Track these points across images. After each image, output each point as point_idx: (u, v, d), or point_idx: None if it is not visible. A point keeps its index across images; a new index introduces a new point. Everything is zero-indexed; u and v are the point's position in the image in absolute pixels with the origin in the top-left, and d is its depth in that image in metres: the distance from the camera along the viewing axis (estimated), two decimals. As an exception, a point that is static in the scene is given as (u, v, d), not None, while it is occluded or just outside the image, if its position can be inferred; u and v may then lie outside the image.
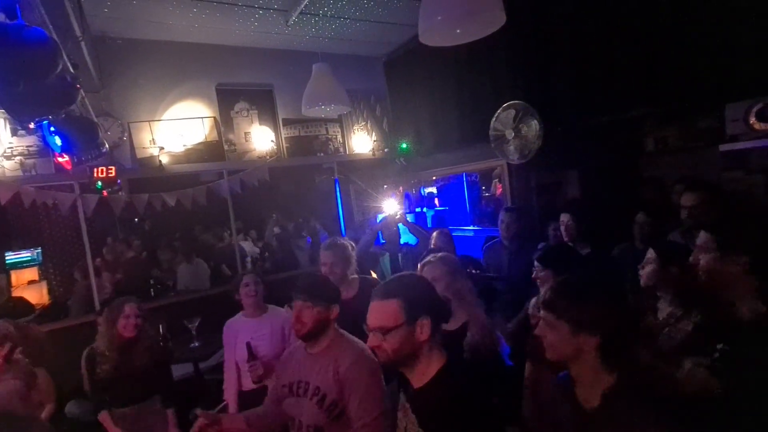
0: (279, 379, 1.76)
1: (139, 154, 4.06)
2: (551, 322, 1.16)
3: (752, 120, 2.62)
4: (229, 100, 4.52)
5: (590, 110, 3.25)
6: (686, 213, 2.37)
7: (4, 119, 3.49)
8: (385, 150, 5.15)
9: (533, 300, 2.06)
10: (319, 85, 3.25)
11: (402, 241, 3.99)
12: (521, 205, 3.81)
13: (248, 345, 2.31)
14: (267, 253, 5.70)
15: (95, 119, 3.44)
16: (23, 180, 3.54)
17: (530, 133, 3.50)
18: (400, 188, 5.12)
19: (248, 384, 2.45)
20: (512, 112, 3.62)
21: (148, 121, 4.11)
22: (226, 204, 4.48)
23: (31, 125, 2.56)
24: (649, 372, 1.33)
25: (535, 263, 1.97)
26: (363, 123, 5.14)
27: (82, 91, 2.78)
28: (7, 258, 5.07)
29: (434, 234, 3.33)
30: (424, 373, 1.21)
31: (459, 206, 5.23)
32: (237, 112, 4.53)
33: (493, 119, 3.76)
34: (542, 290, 1.68)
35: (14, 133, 3.55)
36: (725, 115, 2.79)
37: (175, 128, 4.19)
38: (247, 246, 5.75)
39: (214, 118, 4.40)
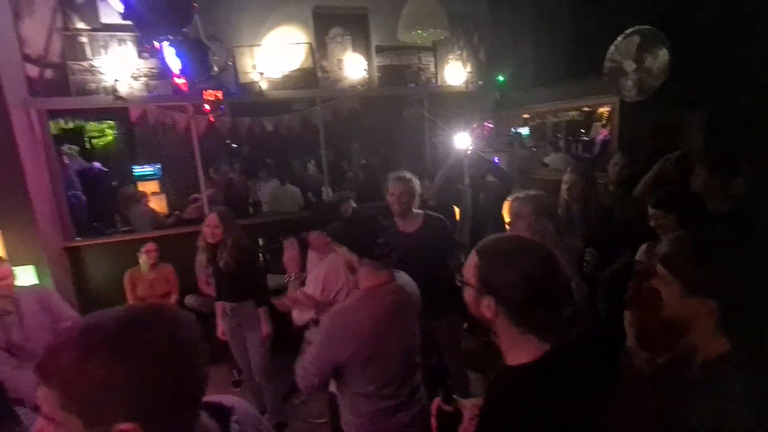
0: None
1: (242, 79, 4.26)
2: (665, 277, 1.09)
3: None
4: (324, 25, 4.47)
5: (739, 37, 2.70)
6: None
7: (132, 42, 3.83)
8: (479, 83, 4.84)
9: (643, 246, 1.94)
10: (419, 4, 3.06)
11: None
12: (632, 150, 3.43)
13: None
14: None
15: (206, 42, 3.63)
16: (149, 99, 3.94)
17: (656, 65, 3.04)
18: (486, 125, 4.80)
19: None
20: (636, 39, 3.14)
21: (250, 45, 4.24)
22: (313, 133, 4.63)
23: (156, 44, 2.78)
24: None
25: (652, 209, 1.79)
26: (458, 52, 4.83)
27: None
28: (134, 171, 5.87)
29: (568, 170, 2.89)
30: None
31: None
32: (332, 38, 4.49)
33: (611, 48, 3.31)
34: (663, 239, 1.54)
35: (139, 55, 3.90)
36: None
37: (274, 54, 4.30)
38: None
39: (310, 44, 4.42)
